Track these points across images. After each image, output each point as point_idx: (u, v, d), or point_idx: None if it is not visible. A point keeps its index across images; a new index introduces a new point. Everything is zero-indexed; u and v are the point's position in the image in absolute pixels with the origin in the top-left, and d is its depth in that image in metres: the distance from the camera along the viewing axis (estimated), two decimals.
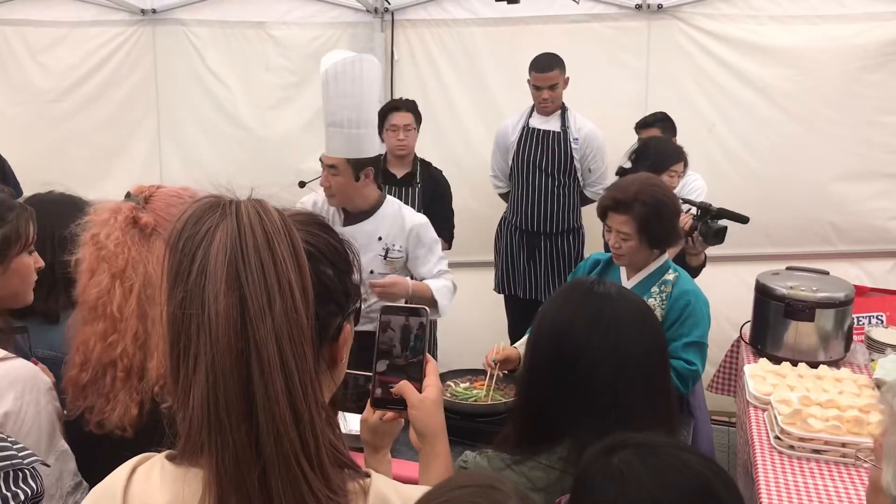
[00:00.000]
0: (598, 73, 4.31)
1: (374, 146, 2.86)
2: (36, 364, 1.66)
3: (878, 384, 2.69)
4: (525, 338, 2.78)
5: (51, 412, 1.62)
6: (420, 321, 1.26)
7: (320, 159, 2.87)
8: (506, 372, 2.62)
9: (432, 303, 2.85)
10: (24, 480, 1.14)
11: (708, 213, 3.08)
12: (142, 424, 1.50)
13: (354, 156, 2.78)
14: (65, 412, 1.64)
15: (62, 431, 1.65)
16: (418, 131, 3.95)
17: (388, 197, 2.99)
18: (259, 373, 0.82)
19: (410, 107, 3.93)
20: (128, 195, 1.64)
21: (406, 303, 2.73)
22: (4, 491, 1.09)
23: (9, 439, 1.19)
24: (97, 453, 1.27)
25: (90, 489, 1.80)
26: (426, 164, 4.01)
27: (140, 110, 4.93)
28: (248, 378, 0.83)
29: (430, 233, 2.98)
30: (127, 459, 0.97)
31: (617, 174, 3.52)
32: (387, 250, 2.91)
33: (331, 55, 2.79)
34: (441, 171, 4.03)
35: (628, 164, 3.47)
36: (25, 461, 1.15)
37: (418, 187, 3.93)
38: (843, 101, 4.10)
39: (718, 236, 3.04)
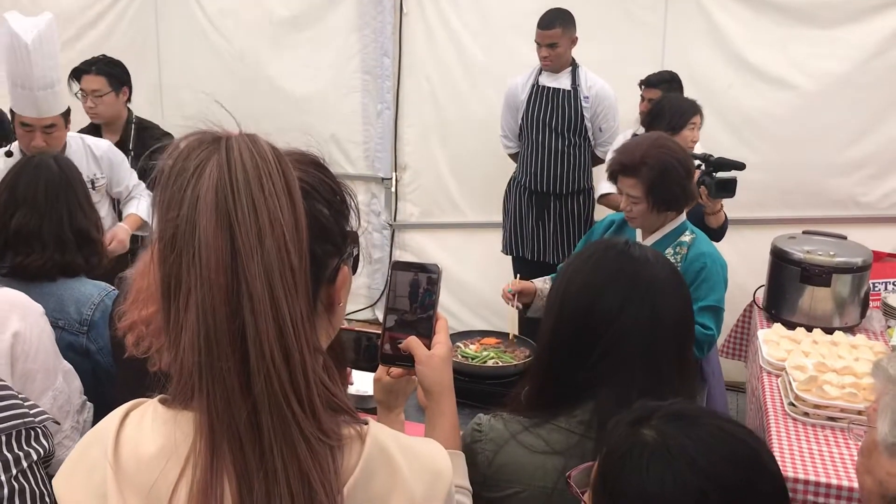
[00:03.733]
0: (612, 30, 4.18)
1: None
2: None
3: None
4: (544, 277, 2.74)
5: (50, 333, 1.74)
6: (429, 276, 1.25)
7: (26, 123, 2.93)
8: (520, 306, 2.61)
9: (146, 226, 3.19)
10: (37, 439, 1.11)
11: (709, 165, 3.04)
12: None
13: (65, 108, 3.03)
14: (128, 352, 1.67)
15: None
16: (122, 93, 3.63)
17: (69, 135, 3.14)
18: (249, 310, 0.80)
19: (103, 69, 3.59)
20: None
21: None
22: (17, 450, 1.06)
23: (19, 396, 1.14)
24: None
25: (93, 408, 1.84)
26: (143, 129, 3.66)
27: (141, 63, 4.84)
28: (239, 315, 0.80)
29: (117, 153, 3.29)
30: None
31: None
32: (92, 182, 3.13)
33: (17, 18, 2.87)
34: (164, 137, 3.55)
35: (641, 130, 3.39)
36: (37, 419, 1.11)
37: (131, 156, 3.55)
38: (868, 63, 3.97)
39: (724, 188, 3.00)
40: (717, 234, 3.16)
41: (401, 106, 4.71)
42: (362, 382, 2.12)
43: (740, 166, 3.06)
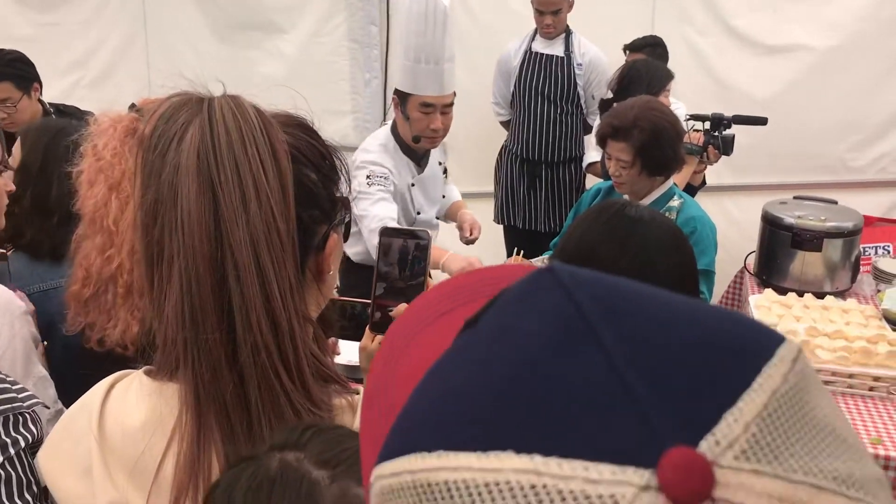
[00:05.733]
0: None
1: None
2: (14, 291, 1.62)
3: (886, 315, 2.65)
4: (542, 256, 2.73)
5: (26, 337, 1.60)
6: (418, 243, 1.24)
7: (428, 104, 2.59)
8: None
9: None
10: (25, 425, 1.07)
11: (721, 124, 3.04)
12: (144, 342, 1.46)
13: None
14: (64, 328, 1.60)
15: (41, 358, 1.61)
16: (33, 91, 3.14)
17: None
18: (235, 279, 0.78)
19: (5, 72, 3.03)
20: (132, 106, 1.57)
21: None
22: (4, 437, 1.02)
23: (8, 379, 1.11)
24: (101, 369, 1.22)
25: None
26: (65, 115, 3.16)
27: (126, 31, 4.76)
28: (224, 284, 0.78)
29: None
30: None
31: (599, 108, 3.40)
32: (444, 169, 3.08)
33: None
34: (85, 115, 2.91)
35: (610, 96, 3.34)
36: (26, 404, 1.08)
37: None
38: (858, 28, 3.93)
39: (731, 146, 3.05)
40: (693, 191, 3.17)
41: (391, 76, 4.65)
42: (350, 352, 2.11)
43: (763, 121, 3.09)
